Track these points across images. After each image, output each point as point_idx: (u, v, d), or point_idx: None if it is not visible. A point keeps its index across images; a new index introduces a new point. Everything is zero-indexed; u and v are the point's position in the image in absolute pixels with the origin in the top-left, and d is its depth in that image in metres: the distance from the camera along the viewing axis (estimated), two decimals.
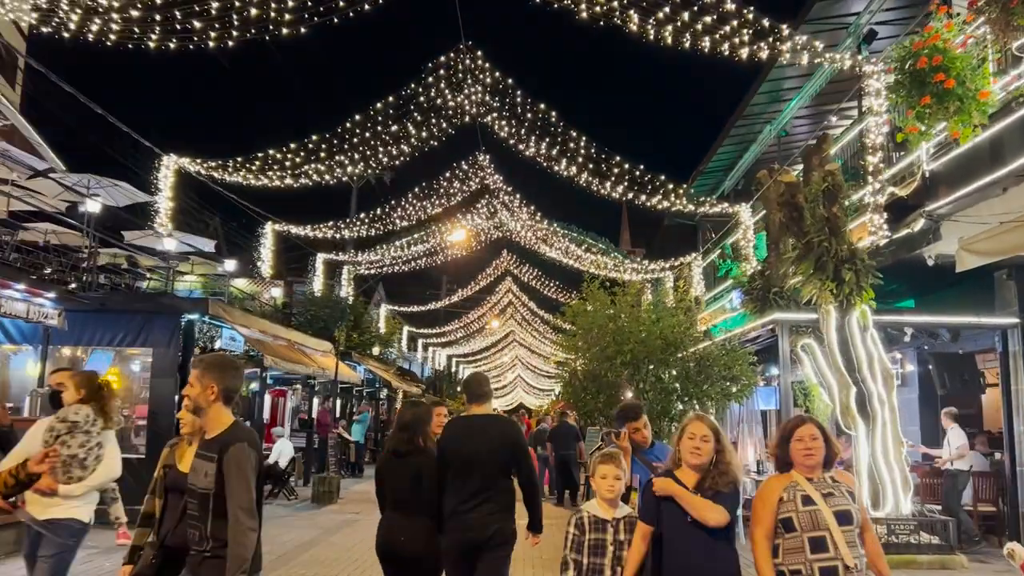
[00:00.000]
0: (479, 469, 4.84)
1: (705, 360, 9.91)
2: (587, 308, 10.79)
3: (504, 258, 25.76)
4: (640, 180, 11.05)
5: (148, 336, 11.46)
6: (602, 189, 11.19)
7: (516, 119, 10.30)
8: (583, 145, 10.62)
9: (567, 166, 10.91)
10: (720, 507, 3.59)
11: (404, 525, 4.86)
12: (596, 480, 4.09)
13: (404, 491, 4.92)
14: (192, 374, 3.78)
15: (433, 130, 10.66)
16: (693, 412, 5.22)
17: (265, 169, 10.77)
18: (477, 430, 4.99)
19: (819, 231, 9.79)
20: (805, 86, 14.58)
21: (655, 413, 10.07)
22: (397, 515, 4.91)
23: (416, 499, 4.89)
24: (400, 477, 4.94)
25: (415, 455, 4.95)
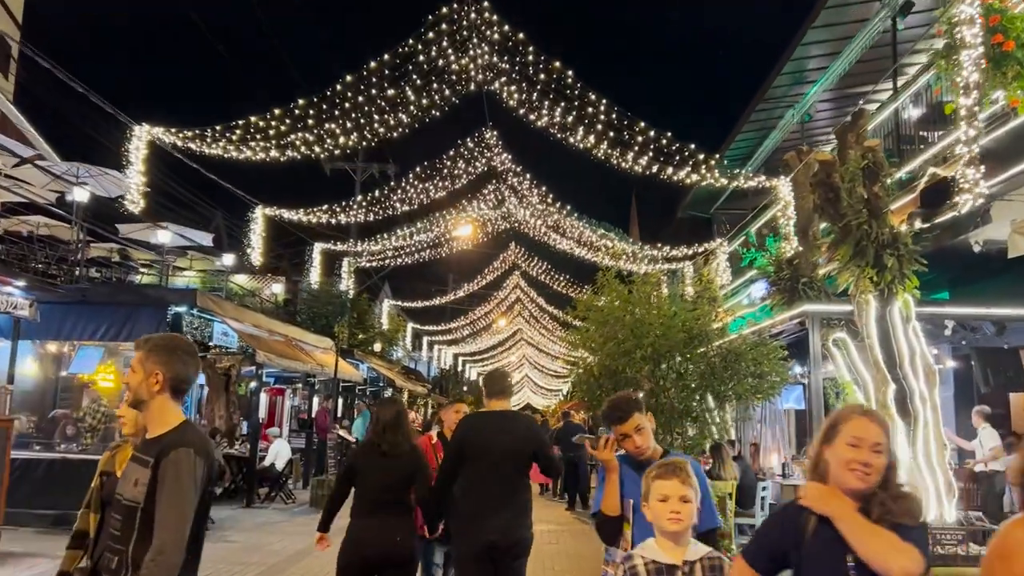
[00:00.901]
0: (505, 468, 4.64)
1: (732, 354, 9.08)
2: (599, 303, 9.96)
3: (512, 251, 24.93)
4: (667, 149, 10.10)
5: (133, 330, 10.71)
6: (623, 161, 10.24)
7: (527, 81, 9.42)
8: (603, 109, 9.62)
9: (584, 135, 9.94)
10: (910, 547, 2.29)
11: (395, 526, 4.64)
12: (653, 505, 2.80)
13: (389, 492, 4.69)
14: (134, 358, 3.02)
15: (435, 97, 9.75)
16: (848, 405, 3.49)
17: (247, 139, 9.89)
18: (502, 427, 4.76)
19: (857, 213, 8.97)
20: (832, 66, 13.74)
21: (676, 413, 9.27)
22: (377, 518, 4.65)
23: (400, 499, 4.73)
24: (387, 477, 4.71)
25: (400, 455, 4.77)
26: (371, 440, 4.98)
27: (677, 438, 9.50)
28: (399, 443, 4.80)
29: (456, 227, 17.15)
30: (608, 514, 3.40)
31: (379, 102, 9.21)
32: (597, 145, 9.90)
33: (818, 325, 10.14)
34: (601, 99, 9.36)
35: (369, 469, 4.80)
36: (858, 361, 10.10)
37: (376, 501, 4.70)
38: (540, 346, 41.24)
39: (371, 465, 4.80)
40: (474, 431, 4.84)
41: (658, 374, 9.07)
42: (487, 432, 4.77)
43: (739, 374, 9.10)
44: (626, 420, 3.40)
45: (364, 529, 4.67)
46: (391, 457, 4.75)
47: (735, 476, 10.40)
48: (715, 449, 10.22)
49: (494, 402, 4.94)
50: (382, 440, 4.80)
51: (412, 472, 4.77)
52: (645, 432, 3.43)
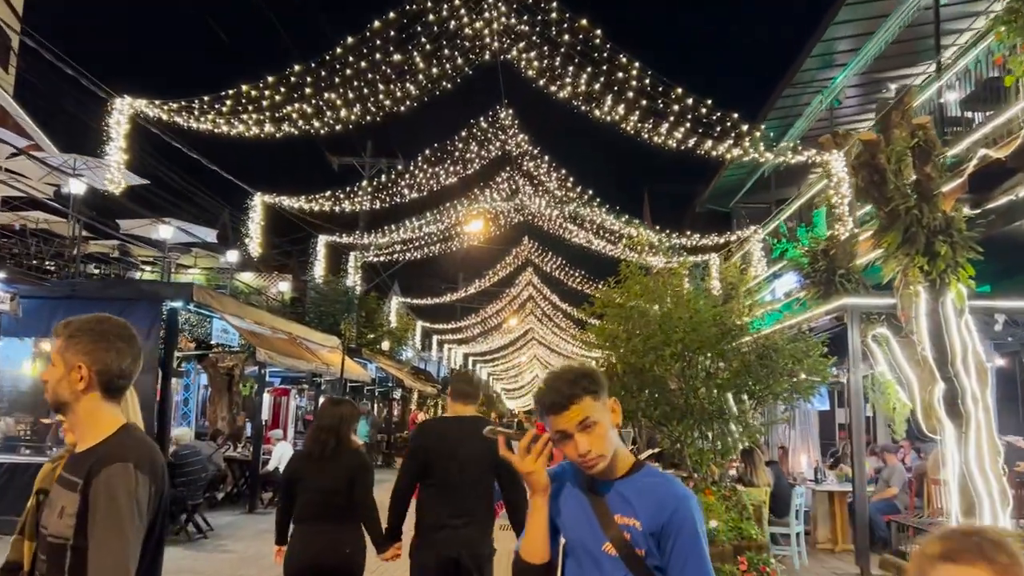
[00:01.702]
0: (468, 478, 4.33)
1: (768, 350, 8.36)
2: (619, 299, 9.24)
3: (525, 246, 24.14)
4: (706, 119, 9.23)
5: None
6: (655, 136, 9.39)
7: (549, 44, 8.58)
8: (634, 74, 8.67)
9: (612, 105, 9.09)
10: None
11: (340, 533, 4.42)
12: None
13: (332, 496, 4.44)
14: (52, 346, 2.34)
15: (445, 66, 8.94)
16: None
17: (238, 111, 9.13)
18: (467, 433, 4.33)
19: (904, 197, 8.24)
20: (864, 47, 13.00)
21: (707, 415, 8.54)
22: (319, 525, 4.41)
23: (347, 505, 4.48)
24: (325, 482, 4.46)
25: (344, 457, 4.54)
26: (310, 444, 4.68)
27: (707, 442, 8.80)
28: (338, 445, 4.54)
29: (467, 220, 16.46)
30: (529, 561, 2.26)
31: (384, 69, 8.45)
32: (627, 117, 9.06)
33: (857, 320, 9.43)
34: (632, 63, 8.52)
35: (309, 475, 4.54)
36: (901, 358, 9.37)
37: (316, 507, 4.46)
38: (552, 346, 40.52)
39: (311, 470, 4.54)
40: (435, 438, 4.53)
41: (688, 373, 8.36)
42: (450, 439, 4.41)
43: (775, 372, 8.37)
44: (565, 409, 2.12)
45: (308, 536, 4.44)
46: (331, 461, 4.50)
47: (768, 483, 9.69)
48: (747, 454, 9.52)
49: (458, 406, 4.58)
50: (320, 443, 4.55)
51: (353, 477, 4.51)
52: (596, 431, 2.12)
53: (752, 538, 7.89)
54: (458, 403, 4.60)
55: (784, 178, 18.69)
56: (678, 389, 8.42)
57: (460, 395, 4.62)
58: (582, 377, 2.19)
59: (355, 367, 17.61)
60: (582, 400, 2.13)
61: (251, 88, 8.66)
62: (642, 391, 8.73)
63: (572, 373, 2.21)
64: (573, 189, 13.83)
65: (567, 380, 2.18)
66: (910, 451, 12.79)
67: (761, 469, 9.58)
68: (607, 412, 2.19)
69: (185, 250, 23.06)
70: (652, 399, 8.59)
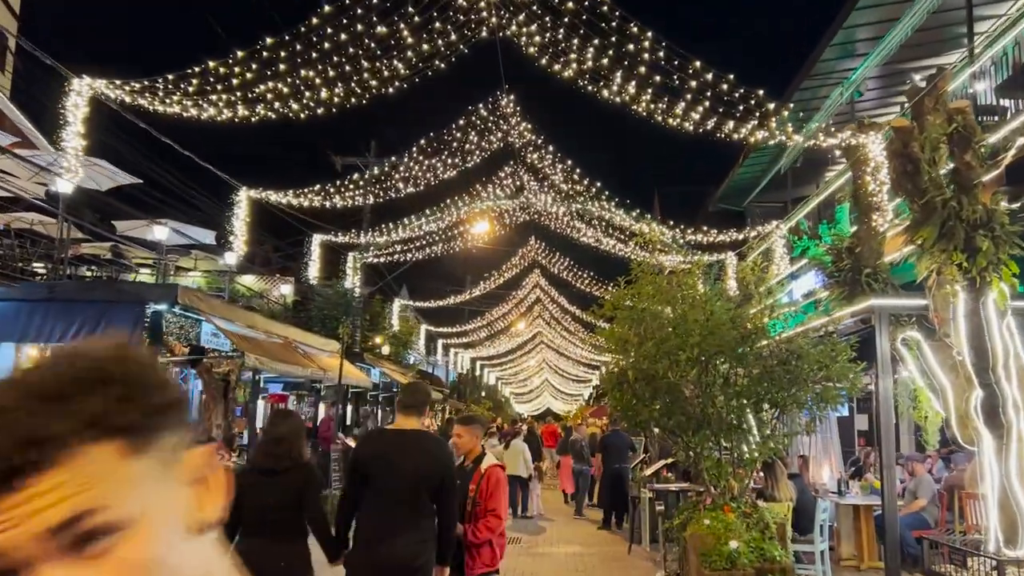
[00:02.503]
0: (403, 493, 4.28)
1: (792, 355, 7.71)
2: (629, 301, 8.60)
3: (532, 246, 23.47)
4: (727, 97, 8.42)
5: (106, 330, 9.46)
6: (670, 118, 8.62)
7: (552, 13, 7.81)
8: (647, 45, 7.86)
9: (622, 84, 8.31)
10: None
11: (282, 551, 4.30)
12: None
13: (280, 512, 4.33)
14: None
15: (437, 42, 8.23)
16: None
17: (206, 91, 8.40)
18: (406, 447, 4.36)
19: (939, 188, 7.60)
20: (888, 35, 12.33)
21: (725, 426, 7.90)
22: (266, 540, 4.25)
23: (295, 521, 4.39)
24: (275, 497, 4.34)
25: (294, 471, 4.41)
26: (257, 456, 4.53)
27: (726, 453, 8.16)
28: (288, 459, 4.42)
29: (471, 218, 15.85)
30: None
31: (367, 43, 7.73)
32: (638, 96, 8.30)
33: (886, 322, 8.76)
34: (644, 33, 7.70)
35: (256, 487, 4.37)
36: (934, 363, 8.70)
37: (263, 522, 4.32)
38: (561, 349, 39.86)
39: (258, 483, 4.39)
40: (372, 449, 4.54)
41: (705, 379, 7.72)
42: (387, 452, 4.39)
43: (800, 379, 7.72)
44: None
45: (249, 552, 4.10)
46: (280, 474, 4.38)
47: (791, 497, 9.03)
48: (767, 466, 8.86)
49: (402, 418, 4.52)
50: (270, 456, 4.45)
51: (301, 491, 4.42)
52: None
53: (776, 560, 7.24)
54: (402, 415, 4.55)
55: (801, 175, 18.01)
56: (694, 397, 7.79)
57: (403, 407, 4.57)
58: None
59: (356, 372, 17.01)
60: None
61: (219, 65, 7.97)
62: (655, 399, 8.09)
63: None
64: (580, 182, 13.13)
65: None
66: (937, 461, 12.11)
67: (783, 483, 8.93)
68: None
69: (184, 252, 22.57)
70: (666, 407, 7.95)
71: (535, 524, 14.51)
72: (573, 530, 13.87)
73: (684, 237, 13.54)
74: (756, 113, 8.60)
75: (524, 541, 12.49)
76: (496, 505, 4.82)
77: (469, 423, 5.26)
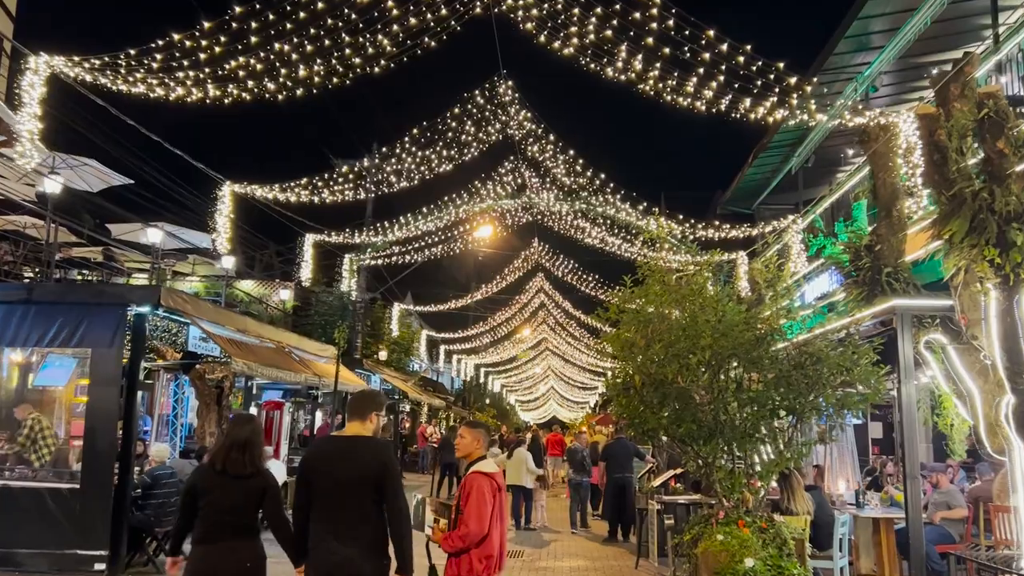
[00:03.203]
0: (349, 496, 4.34)
1: (809, 358, 7.18)
2: (633, 304, 8.09)
3: (535, 249, 22.91)
4: (743, 71, 7.79)
5: (86, 334, 9.06)
6: (678, 97, 7.99)
7: None
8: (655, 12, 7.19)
9: (628, 58, 7.68)
10: None
11: (238, 553, 4.45)
12: None
13: (235, 514, 4.48)
14: None
15: (427, 16, 7.60)
16: None
17: (172, 67, 7.81)
18: (347, 451, 4.45)
19: (967, 179, 7.09)
20: (904, 26, 11.84)
21: (739, 435, 7.38)
22: (222, 543, 4.43)
23: (249, 523, 4.54)
24: (233, 500, 4.48)
25: (255, 477, 4.56)
26: (215, 459, 4.61)
27: (740, 463, 7.63)
28: (246, 463, 4.53)
29: (473, 219, 15.33)
30: None
31: (347, 14, 7.15)
32: (645, 73, 7.70)
33: (908, 324, 8.24)
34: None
35: (214, 490, 4.49)
36: (960, 367, 8.16)
37: (220, 524, 4.45)
38: (567, 356, 39.30)
39: (214, 485, 4.49)
40: (319, 458, 4.54)
41: (717, 384, 7.21)
42: (331, 458, 4.47)
43: (819, 384, 7.20)
44: None
45: (208, 555, 4.43)
46: (237, 478, 4.49)
47: (809, 510, 8.49)
48: (784, 477, 8.34)
49: (351, 424, 4.61)
50: (232, 461, 4.52)
51: (260, 494, 4.55)
52: None
53: None
54: (351, 421, 4.61)
55: (812, 176, 17.52)
56: (705, 403, 7.27)
57: (352, 413, 4.64)
58: None
59: (353, 378, 16.53)
60: None
61: (185, 37, 7.39)
62: (664, 405, 7.58)
63: None
64: (584, 173, 12.50)
65: None
66: (958, 471, 11.55)
67: (800, 495, 8.40)
68: None
69: (181, 257, 22.18)
70: (675, 414, 7.43)
71: (538, 536, 13.99)
72: (578, 543, 13.34)
73: (694, 233, 12.95)
74: (775, 89, 7.99)
75: (526, 554, 11.97)
76: (470, 514, 4.68)
77: (473, 427, 5.30)
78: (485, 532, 4.66)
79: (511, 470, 14.99)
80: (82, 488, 8.88)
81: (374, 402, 4.69)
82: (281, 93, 8.23)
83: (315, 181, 13.35)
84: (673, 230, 12.47)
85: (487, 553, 4.69)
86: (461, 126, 11.75)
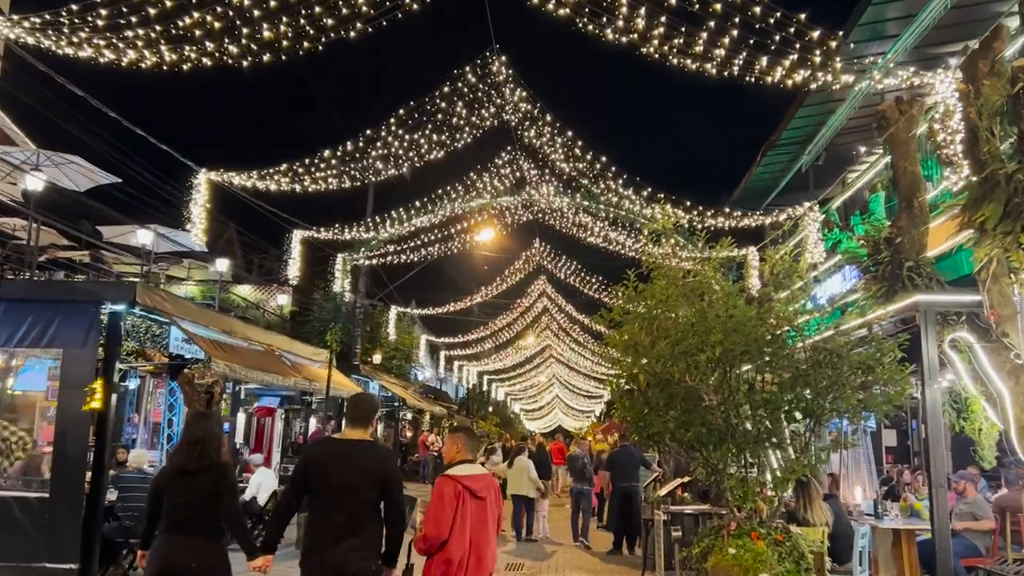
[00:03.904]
0: (349, 501, 4.41)
1: (828, 356, 6.62)
2: (639, 307, 7.54)
3: (537, 250, 22.29)
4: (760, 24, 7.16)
5: (57, 334, 8.54)
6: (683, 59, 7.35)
7: None
8: None
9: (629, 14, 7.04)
10: None
11: (194, 546, 4.60)
12: None
13: (194, 510, 4.63)
14: None
15: None
16: None
17: (120, 26, 7.16)
18: (351, 457, 4.52)
19: (999, 161, 6.55)
20: (920, 13, 11.29)
21: (750, 440, 6.82)
22: (183, 537, 4.61)
23: (210, 520, 4.67)
24: (190, 496, 4.64)
25: (208, 472, 4.71)
26: (176, 457, 4.83)
27: (753, 471, 7.07)
28: (203, 459, 4.70)
29: (472, 217, 14.80)
30: None
31: None
32: (649, 31, 7.05)
33: (933, 322, 7.69)
34: None
35: (174, 487, 4.68)
36: (989, 367, 7.58)
37: (180, 520, 4.62)
38: (571, 363, 38.68)
39: (176, 483, 4.68)
40: (321, 461, 4.59)
41: (729, 384, 6.66)
42: (333, 461, 4.53)
43: (839, 384, 6.63)
44: None
45: (167, 546, 4.58)
46: (196, 474, 4.66)
47: (827, 521, 7.91)
48: (801, 486, 7.77)
49: (350, 430, 4.70)
50: (186, 457, 4.72)
51: (218, 490, 4.70)
52: None
53: None
54: (352, 426, 4.68)
55: (823, 175, 16.97)
56: (716, 405, 6.72)
57: (349, 419, 4.79)
58: None
59: (349, 384, 15.99)
60: None
61: None
62: (670, 407, 7.01)
63: None
64: (583, 158, 11.83)
65: None
66: (979, 480, 10.95)
67: (818, 504, 7.83)
68: None
69: (176, 261, 21.71)
70: (683, 417, 6.87)
71: (540, 548, 13.40)
72: (580, 556, 12.74)
73: (702, 222, 12.30)
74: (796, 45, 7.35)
75: (527, 567, 11.40)
76: (427, 518, 4.68)
77: (453, 432, 5.35)
78: (441, 536, 4.59)
79: (512, 479, 14.41)
80: (52, 497, 8.34)
81: (371, 408, 4.79)
82: (247, 60, 7.62)
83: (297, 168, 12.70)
84: (680, 219, 11.79)
85: (446, 558, 4.61)
86: (452, 107, 11.14)
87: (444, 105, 10.99)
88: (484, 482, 4.87)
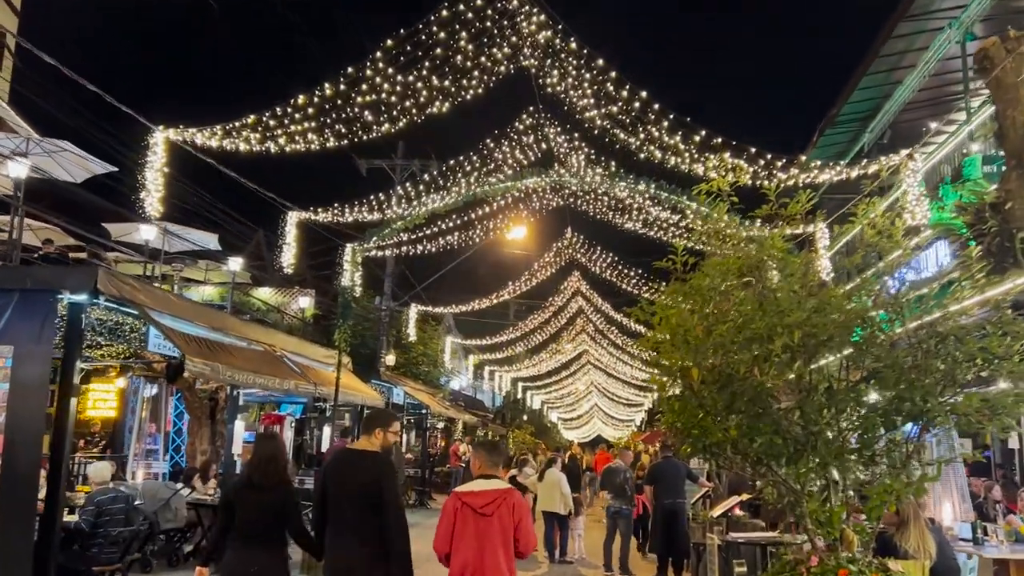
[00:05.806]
0: (351, 504, 4.69)
1: (944, 339, 5.08)
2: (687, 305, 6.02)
3: (569, 240, 20.65)
4: None
5: (9, 327, 7.36)
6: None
7: None
8: None
9: None
10: None
11: (264, 559, 4.86)
12: None
13: (262, 525, 4.91)
14: None
15: None
16: None
17: None
18: (352, 464, 4.84)
19: None
20: None
21: (833, 451, 5.29)
22: (251, 548, 4.86)
23: (277, 532, 4.97)
24: (260, 510, 4.91)
25: (276, 489, 4.99)
26: (246, 474, 5.19)
27: (841, 492, 5.53)
28: (271, 477, 4.98)
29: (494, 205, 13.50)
30: None
31: None
32: None
33: None
34: None
35: (242, 502, 4.92)
36: None
37: (247, 534, 4.87)
38: (609, 369, 37.00)
39: (244, 499, 4.93)
40: (331, 470, 4.94)
41: (811, 380, 5.18)
42: (337, 470, 4.86)
43: (954, 379, 5.10)
44: None
45: (235, 561, 4.84)
46: (263, 491, 4.92)
47: (930, 553, 6.35)
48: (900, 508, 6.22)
49: (360, 440, 5.05)
50: (255, 474, 4.99)
51: (282, 506, 4.96)
52: None
53: None
54: (361, 436, 5.10)
55: (889, 150, 15.27)
56: (794, 407, 5.23)
57: (362, 429, 5.27)
58: None
59: (365, 390, 14.71)
60: None
61: None
62: (731, 411, 5.51)
63: None
64: (618, 92, 10.20)
65: None
66: None
67: (922, 532, 6.27)
68: None
69: (192, 262, 20.72)
70: (749, 423, 5.37)
71: (574, 571, 11.94)
72: None
73: (769, 177, 10.50)
74: None
75: None
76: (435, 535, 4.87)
77: (475, 447, 5.58)
78: (440, 550, 4.81)
79: (543, 494, 12.98)
80: None
81: (378, 420, 5.00)
82: None
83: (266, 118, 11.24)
84: (741, 173, 10.06)
85: (449, 572, 4.78)
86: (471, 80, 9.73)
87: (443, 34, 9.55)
88: (490, 498, 4.82)
